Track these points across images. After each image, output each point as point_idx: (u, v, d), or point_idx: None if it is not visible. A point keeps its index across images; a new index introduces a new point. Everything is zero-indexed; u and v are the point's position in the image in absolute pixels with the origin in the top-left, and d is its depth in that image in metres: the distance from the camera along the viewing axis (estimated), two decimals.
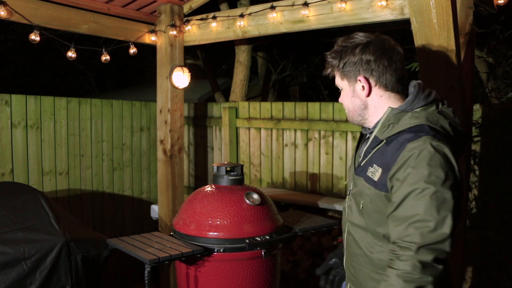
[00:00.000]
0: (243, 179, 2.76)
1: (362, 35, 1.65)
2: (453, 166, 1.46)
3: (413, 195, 1.43)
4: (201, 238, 2.50)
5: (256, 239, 2.47)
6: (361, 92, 1.64)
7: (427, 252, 1.39)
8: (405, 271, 1.39)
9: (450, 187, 1.42)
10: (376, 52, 1.59)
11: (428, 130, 1.49)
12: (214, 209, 2.54)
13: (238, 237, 2.47)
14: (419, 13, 2.22)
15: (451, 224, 1.40)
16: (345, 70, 1.64)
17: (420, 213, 1.41)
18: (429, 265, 1.38)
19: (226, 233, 2.48)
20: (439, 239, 1.39)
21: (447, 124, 1.55)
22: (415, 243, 1.39)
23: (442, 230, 1.39)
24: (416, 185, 1.43)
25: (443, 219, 1.40)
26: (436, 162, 1.43)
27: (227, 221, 2.50)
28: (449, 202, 1.41)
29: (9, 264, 2.67)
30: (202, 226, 2.52)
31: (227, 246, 2.46)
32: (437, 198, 1.41)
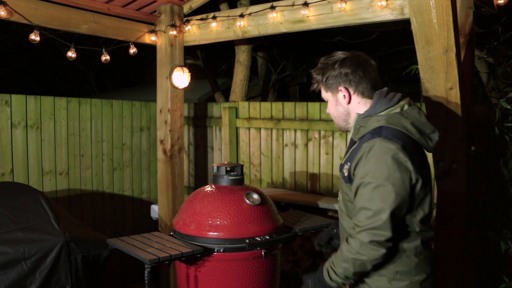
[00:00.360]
0: (243, 179, 2.75)
1: (341, 53, 1.94)
2: (399, 163, 1.70)
3: (361, 187, 1.76)
4: (201, 238, 2.50)
5: (256, 239, 2.47)
6: (342, 101, 1.93)
7: (365, 235, 1.72)
8: (350, 246, 1.76)
9: (392, 182, 1.69)
10: (352, 65, 1.88)
11: (383, 132, 1.76)
12: (214, 209, 2.54)
13: (238, 237, 2.47)
14: (419, 13, 2.22)
15: (388, 214, 1.69)
16: (328, 83, 1.93)
17: (364, 202, 1.74)
18: (366, 245, 1.72)
19: (226, 233, 2.48)
20: (375, 225, 1.70)
21: (409, 123, 1.79)
22: (359, 226, 1.74)
23: (379, 217, 1.70)
24: (363, 179, 1.74)
25: (381, 209, 1.70)
26: (381, 160, 1.71)
27: (227, 221, 2.50)
28: (389, 195, 1.69)
29: (9, 264, 2.67)
30: (202, 226, 2.52)
31: (227, 246, 2.46)
32: (378, 191, 1.71)
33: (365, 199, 1.74)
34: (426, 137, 1.83)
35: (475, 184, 2.99)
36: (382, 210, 1.70)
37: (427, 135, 1.83)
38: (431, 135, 1.85)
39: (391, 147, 1.72)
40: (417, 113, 1.84)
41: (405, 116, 1.81)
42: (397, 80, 9.36)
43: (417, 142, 1.80)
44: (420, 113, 1.85)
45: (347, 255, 1.77)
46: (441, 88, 2.41)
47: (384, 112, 1.84)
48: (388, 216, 1.69)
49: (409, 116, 1.82)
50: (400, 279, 1.83)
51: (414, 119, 1.81)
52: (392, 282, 1.84)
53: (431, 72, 2.38)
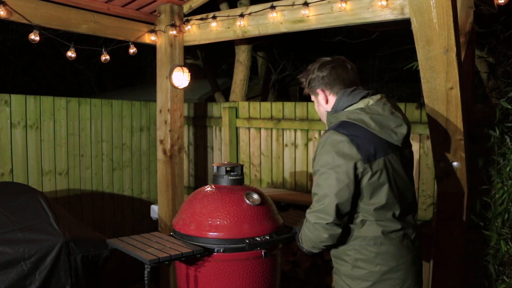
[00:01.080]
0: (243, 179, 2.75)
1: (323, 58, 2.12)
2: (343, 153, 1.86)
3: (314, 174, 1.97)
4: (201, 238, 2.50)
5: (256, 239, 2.46)
6: (322, 101, 2.11)
7: (312, 216, 1.94)
8: (305, 225, 2.01)
9: (335, 170, 1.86)
10: (327, 69, 2.06)
11: (336, 126, 1.94)
12: (214, 209, 2.54)
13: (238, 237, 2.46)
14: (420, 12, 2.22)
15: (330, 199, 1.87)
16: (310, 86, 2.13)
17: (314, 188, 1.95)
18: (312, 226, 1.95)
19: (226, 233, 2.47)
20: (319, 209, 1.91)
21: (368, 118, 1.93)
22: (310, 208, 1.97)
23: (323, 201, 1.89)
24: (315, 166, 1.95)
25: (325, 194, 1.89)
26: (328, 150, 1.89)
27: (227, 221, 2.49)
28: (332, 182, 1.87)
29: (8, 264, 2.67)
30: (202, 226, 2.51)
31: (227, 246, 2.46)
32: (323, 177, 1.90)
33: (315, 185, 1.94)
34: (390, 131, 1.94)
35: (475, 184, 2.99)
36: (326, 196, 1.88)
37: (391, 128, 1.94)
38: (397, 129, 1.95)
39: (338, 138, 1.88)
40: (381, 109, 1.96)
41: (366, 111, 1.95)
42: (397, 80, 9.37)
43: (378, 136, 1.92)
44: (384, 108, 1.96)
45: (305, 233, 2.03)
46: (441, 88, 2.41)
47: (349, 108, 2.00)
48: (330, 201, 1.87)
49: (371, 111, 1.95)
50: (360, 267, 1.96)
51: (376, 113, 1.94)
52: (354, 269, 1.98)
53: (432, 72, 2.37)
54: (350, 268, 1.99)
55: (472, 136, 2.97)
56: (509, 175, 2.81)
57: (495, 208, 2.87)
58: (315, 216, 1.92)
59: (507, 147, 2.83)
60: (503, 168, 2.84)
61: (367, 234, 1.94)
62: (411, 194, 2.06)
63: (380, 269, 1.94)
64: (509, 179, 2.82)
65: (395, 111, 1.98)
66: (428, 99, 2.50)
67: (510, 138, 2.81)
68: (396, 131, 1.95)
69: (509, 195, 2.81)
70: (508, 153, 2.81)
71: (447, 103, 2.45)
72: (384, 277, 1.94)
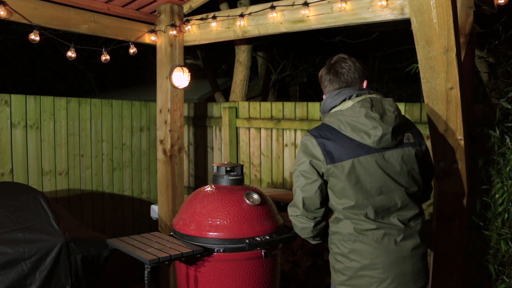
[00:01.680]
0: (243, 179, 2.75)
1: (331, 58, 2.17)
2: (308, 152, 2.01)
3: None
4: (201, 238, 2.50)
5: (256, 239, 2.46)
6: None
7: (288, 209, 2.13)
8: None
9: (301, 168, 2.02)
10: (325, 69, 2.15)
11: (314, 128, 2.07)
12: (214, 209, 2.54)
13: (238, 237, 2.46)
14: (420, 13, 2.22)
15: (297, 193, 2.05)
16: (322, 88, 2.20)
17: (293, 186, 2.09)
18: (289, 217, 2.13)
19: (226, 233, 2.47)
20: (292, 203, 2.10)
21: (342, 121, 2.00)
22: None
23: (294, 196, 2.07)
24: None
25: (295, 189, 2.06)
26: (299, 150, 2.06)
27: (227, 221, 2.49)
28: (298, 178, 2.04)
29: (9, 264, 2.67)
30: (202, 226, 2.51)
31: (227, 246, 2.46)
32: (294, 175, 2.07)
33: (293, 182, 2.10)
34: (362, 133, 1.97)
35: (475, 184, 2.99)
36: (295, 190, 2.06)
37: (364, 131, 1.97)
38: (371, 131, 1.96)
39: (307, 139, 2.03)
40: (357, 111, 1.98)
41: (343, 114, 2.01)
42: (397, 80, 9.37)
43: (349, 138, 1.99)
44: (360, 111, 1.98)
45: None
46: (441, 88, 2.40)
47: (332, 110, 2.08)
48: (298, 195, 2.04)
49: (346, 114, 2.00)
50: (339, 260, 2.07)
51: (350, 116, 1.99)
52: (336, 262, 2.09)
53: (431, 72, 2.37)
54: (334, 261, 2.11)
55: (472, 136, 2.97)
56: (509, 175, 2.81)
57: (495, 208, 2.87)
58: (289, 209, 2.12)
59: (507, 147, 2.83)
60: (503, 168, 2.84)
61: (342, 230, 2.05)
62: (400, 196, 2.02)
63: (354, 265, 2.02)
64: (509, 179, 2.82)
65: (372, 113, 1.96)
66: (428, 99, 2.50)
67: (510, 138, 2.81)
68: (369, 133, 1.96)
69: (509, 195, 2.81)
70: (508, 153, 2.81)
71: (447, 103, 2.45)
72: (359, 273, 2.00)
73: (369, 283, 1.99)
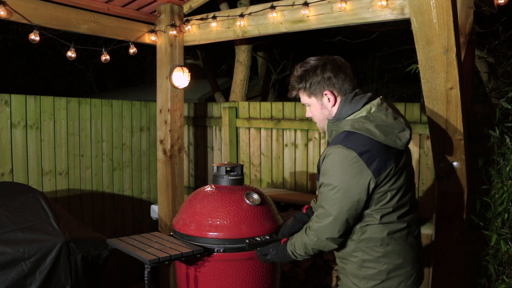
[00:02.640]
0: (243, 179, 2.75)
1: (315, 58, 2.06)
2: (354, 169, 1.85)
3: (322, 186, 1.95)
4: (201, 238, 2.50)
5: (256, 239, 2.46)
6: (327, 104, 2.04)
7: (320, 231, 1.98)
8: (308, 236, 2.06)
9: (344, 187, 1.87)
10: (333, 69, 1.99)
11: (344, 138, 1.90)
12: (214, 209, 2.54)
13: (238, 237, 2.46)
14: (420, 13, 2.22)
15: (336, 215, 1.91)
16: (312, 89, 2.03)
17: (322, 201, 1.96)
18: (321, 241, 2.00)
19: (226, 233, 2.47)
20: (326, 223, 1.94)
21: (373, 126, 1.89)
22: (317, 222, 1.99)
23: (329, 218, 1.92)
24: (323, 179, 1.94)
25: (331, 210, 1.91)
26: (338, 166, 1.88)
27: (227, 221, 2.49)
28: (339, 199, 1.88)
29: (8, 264, 2.67)
30: (202, 226, 2.51)
31: (227, 246, 2.46)
32: (332, 193, 1.90)
33: (323, 198, 1.95)
34: (394, 137, 1.91)
35: (475, 184, 2.99)
36: (334, 211, 1.91)
37: (395, 134, 1.92)
38: (400, 134, 1.93)
39: (348, 154, 1.86)
40: (384, 115, 1.94)
41: (370, 120, 1.92)
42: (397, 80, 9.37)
43: (383, 144, 1.89)
44: (388, 114, 1.95)
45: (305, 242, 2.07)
46: (441, 88, 2.41)
47: (351, 116, 1.97)
48: (337, 217, 1.91)
49: (375, 119, 1.92)
50: (368, 267, 1.99)
51: (380, 121, 1.92)
52: (361, 269, 2.01)
53: (431, 72, 2.37)
54: (357, 267, 2.02)
55: (472, 136, 2.97)
56: (509, 175, 2.81)
57: (495, 208, 2.87)
58: (323, 231, 1.96)
59: (507, 147, 2.83)
60: (503, 168, 2.85)
61: (373, 236, 1.97)
62: (413, 194, 2.08)
63: (387, 268, 1.98)
64: (509, 179, 2.82)
65: (397, 116, 1.97)
66: (428, 99, 2.50)
67: (510, 138, 2.82)
68: (400, 137, 1.94)
69: (509, 195, 2.81)
70: (508, 153, 2.82)
71: (447, 103, 2.45)
72: (391, 275, 1.99)
73: (398, 282, 2.01)
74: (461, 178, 2.76)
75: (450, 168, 2.75)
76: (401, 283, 2.01)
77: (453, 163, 2.71)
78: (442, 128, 2.59)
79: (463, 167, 2.71)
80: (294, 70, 2.11)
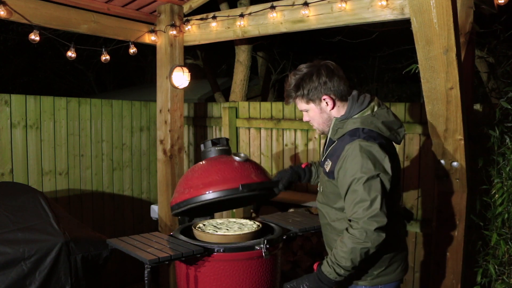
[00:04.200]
0: (230, 150, 2.81)
1: (307, 65, 2.15)
2: (379, 159, 1.96)
3: (353, 183, 1.95)
4: (197, 197, 2.52)
5: (251, 185, 2.49)
6: (326, 108, 2.13)
7: (369, 223, 1.90)
8: (354, 235, 1.92)
9: (377, 175, 1.93)
10: (328, 74, 2.08)
11: (360, 133, 2.01)
12: (206, 172, 2.59)
13: (232, 187, 2.49)
14: (420, 13, 2.22)
15: (382, 201, 1.91)
16: (310, 95, 2.11)
17: (360, 195, 1.93)
18: (371, 233, 1.90)
19: (220, 186, 2.50)
20: (375, 213, 1.90)
21: (380, 123, 2.06)
22: (359, 218, 1.92)
23: (375, 206, 1.90)
24: (354, 175, 1.94)
25: (375, 198, 1.91)
26: (366, 157, 1.94)
27: (219, 176, 2.53)
28: (377, 186, 1.92)
29: (8, 264, 2.67)
30: (197, 187, 2.54)
31: (227, 246, 2.46)
32: (370, 183, 1.92)
33: (360, 193, 1.93)
34: (395, 132, 2.11)
35: (475, 184, 2.99)
36: (376, 199, 1.91)
37: (395, 130, 2.11)
38: (399, 130, 2.13)
39: (371, 145, 1.97)
40: (386, 113, 2.11)
41: (376, 117, 2.08)
42: (397, 80, 9.37)
43: (387, 138, 2.08)
44: (388, 112, 2.13)
45: (352, 246, 1.93)
46: (441, 88, 2.41)
47: (358, 115, 2.08)
48: (383, 204, 1.92)
49: (380, 116, 2.09)
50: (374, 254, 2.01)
51: (384, 118, 2.08)
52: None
53: (431, 72, 2.37)
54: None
55: (472, 136, 2.97)
56: (509, 175, 2.81)
57: (495, 208, 2.87)
58: (373, 221, 1.90)
59: (507, 147, 2.83)
60: (503, 168, 2.84)
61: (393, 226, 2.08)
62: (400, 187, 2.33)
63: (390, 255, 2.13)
64: (509, 179, 2.82)
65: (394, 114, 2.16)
66: (428, 99, 2.50)
67: (510, 138, 2.81)
68: (399, 133, 2.13)
69: (509, 195, 2.81)
70: (508, 153, 2.81)
71: (447, 103, 2.45)
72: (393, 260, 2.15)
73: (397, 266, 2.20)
74: (461, 178, 2.76)
75: (450, 168, 2.75)
76: (398, 266, 2.18)
77: (453, 163, 2.71)
78: (442, 128, 2.59)
79: (463, 167, 2.71)
80: (287, 79, 2.18)
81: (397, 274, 2.18)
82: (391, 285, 2.17)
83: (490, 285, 2.95)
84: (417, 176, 3.59)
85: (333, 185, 2.10)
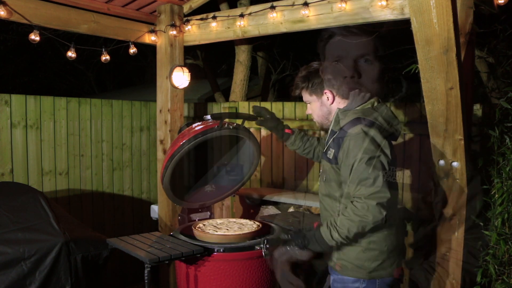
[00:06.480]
0: None
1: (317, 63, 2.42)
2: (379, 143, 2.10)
3: (356, 163, 2.08)
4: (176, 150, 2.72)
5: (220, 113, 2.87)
6: (326, 102, 2.35)
7: (372, 199, 2.02)
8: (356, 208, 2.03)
9: (378, 156, 2.07)
10: (333, 72, 2.31)
11: (361, 121, 2.17)
12: (181, 135, 2.84)
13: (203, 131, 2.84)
14: (419, 13, 2.22)
15: (383, 178, 2.04)
16: (313, 88, 2.37)
17: (362, 174, 2.05)
18: (373, 208, 2.01)
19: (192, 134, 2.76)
20: (377, 190, 2.02)
21: (379, 116, 2.23)
22: (363, 194, 2.04)
23: (377, 184, 2.03)
24: (356, 156, 2.08)
25: (377, 175, 2.04)
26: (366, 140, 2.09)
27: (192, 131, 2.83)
28: (378, 165, 2.06)
29: (8, 264, 2.67)
30: (174, 145, 2.67)
31: (227, 246, 2.46)
32: (372, 162, 2.06)
33: (362, 171, 2.06)
34: (393, 128, 2.28)
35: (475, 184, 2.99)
36: (379, 176, 2.04)
37: (394, 126, 2.28)
38: (397, 126, 2.31)
39: (372, 130, 2.13)
40: (385, 108, 2.30)
41: (376, 111, 2.26)
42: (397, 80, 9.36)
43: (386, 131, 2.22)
44: (387, 108, 2.32)
45: (353, 217, 2.04)
46: (441, 88, 2.40)
47: (359, 107, 2.28)
48: (384, 180, 2.04)
49: (379, 110, 2.27)
50: (373, 248, 2.18)
51: (383, 113, 2.26)
52: (365, 251, 2.18)
53: (431, 72, 2.37)
54: (362, 250, 2.19)
55: (472, 136, 2.97)
56: (509, 175, 2.81)
57: (495, 208, 2.87)
58: (375, 197, 2.02)
59: (507, 147, 2.83)
60: (503, 168, 2.84)
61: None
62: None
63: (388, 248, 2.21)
64: (509, 179, 2.82)
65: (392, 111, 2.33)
66: (428, 99, 2.50)
67: (510, 138, 2.81)
68: (397, 128, 2.31)
69: (509, 195, 2.81)
70: (508, 153, 2.81)
71: (447, 103, 2.45)
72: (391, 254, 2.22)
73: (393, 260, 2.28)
74: (461, 178, 2.76)
75: (450, 168, 2.75)
76: (395, 260, 2.26)
77: (453, 163, 2.71)
78: (442, 128, 2.59)
79: (463, 167, 2.71)
80: (299, 72, 2.45)
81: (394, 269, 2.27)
82: (387, 279, 2.25)
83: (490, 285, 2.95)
84: (417, 176, 3.59)
85: (336, 172, 2.22)
